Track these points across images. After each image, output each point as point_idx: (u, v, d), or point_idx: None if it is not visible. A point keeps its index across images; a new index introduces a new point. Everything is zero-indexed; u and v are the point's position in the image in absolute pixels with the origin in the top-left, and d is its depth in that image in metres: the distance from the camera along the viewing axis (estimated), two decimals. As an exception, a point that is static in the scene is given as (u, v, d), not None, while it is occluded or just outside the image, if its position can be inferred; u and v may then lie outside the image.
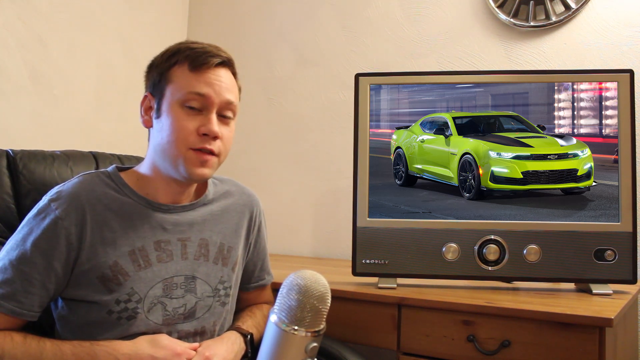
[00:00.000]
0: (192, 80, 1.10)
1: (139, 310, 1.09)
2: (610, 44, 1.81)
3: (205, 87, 1.10)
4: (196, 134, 1.09)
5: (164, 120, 1.11)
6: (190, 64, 1.11)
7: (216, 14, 2.47)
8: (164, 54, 1.15)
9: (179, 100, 1.10)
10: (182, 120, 1.09)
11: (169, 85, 1.12)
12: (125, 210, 1.12)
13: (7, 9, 1.78)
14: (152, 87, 1.15)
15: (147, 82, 1.18)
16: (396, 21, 2.12)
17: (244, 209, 1.29)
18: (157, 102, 1.14)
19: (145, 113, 1.17)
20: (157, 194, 1.16)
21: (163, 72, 1.13)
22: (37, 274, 1.05)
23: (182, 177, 1.12)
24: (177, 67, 1.12)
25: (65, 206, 1.07)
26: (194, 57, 1.11)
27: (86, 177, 1.14)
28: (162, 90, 1.13)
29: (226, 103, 1.13)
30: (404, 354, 1.40)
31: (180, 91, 1.10)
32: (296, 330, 0.83)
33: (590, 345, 1.21)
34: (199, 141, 1.10)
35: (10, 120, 1.79)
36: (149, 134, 1.19)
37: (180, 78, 1.11)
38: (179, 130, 1.09)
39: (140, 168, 1.19)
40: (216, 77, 1.12)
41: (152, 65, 1.17)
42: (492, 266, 1.47)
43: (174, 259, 1.14)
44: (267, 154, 2.35)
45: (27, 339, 1.04)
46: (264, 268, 1.37)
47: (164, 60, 1.14)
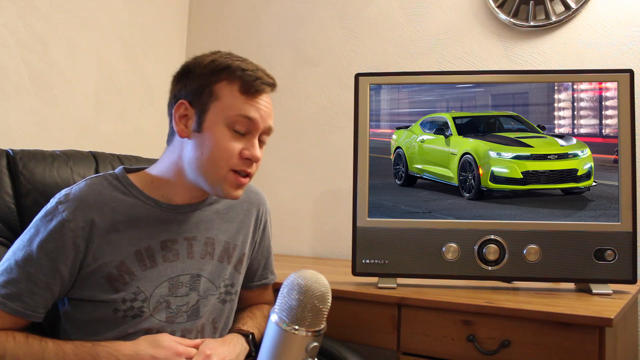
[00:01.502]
0: (243, 104, 1.09)
1: (145, 310, 1.09)
2: (610, 44, 1.81)
3: (255, 112, 1.10)
4: (239, 156, 1.10)
5: (206, 137, 1.09)
6: (242, 86, 1.09)
7: (216, 14, 2.48)
8: (208, 65, 1.12)
9: (226, 120, 1.09)
10: (227, 142, 1.09)
11: (215, 102, 1.09)
12: (132, 211, 1.12)
13: (7, 9, 1.78)
14: (191, 96, 1.11)
15: (181, 88, 1.13)
16: (396, 21, 2.12)
17: (250, 207, 1.29)
18: (199, 115, 1.10)
19: (179, 121, 1.13)
20: (174, 197, 1.16)
21: (208, 86, 1.10)
22: (42, 275, 1.05)
23: (217, 195, 1.13)
24: (225, 84, 1.10)
25: (73, 209, 1.07)
26: (247, 81, 1.09)
27: (94, 180, 1.14)
28: (205, 104, 1.10)
29: (268, 129, 1.14)
30: (403, 353, 1.40)
31: (229, 112, 1.09)
32: (297, 329, 0.83)
33: (590, 345, 1.21)
34: (241, 164, 1.10)
35: (10, 120, 1.79)
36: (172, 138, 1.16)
37: (228, 97, 1.09)
38: (224, 151, 1.09)
39: (154, 170, 1.18)
40: (265, 103, 1.12)
41: (191, 72, 1.13)
42: (492, 266, 1.47)
43: (180, 258, 1.15)
44: (267, 153, 2.32)
45: (29, 339, 1.04)
46: (268, 267, 1.37)
47: (208, 72, 1.11)
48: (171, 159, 1.16)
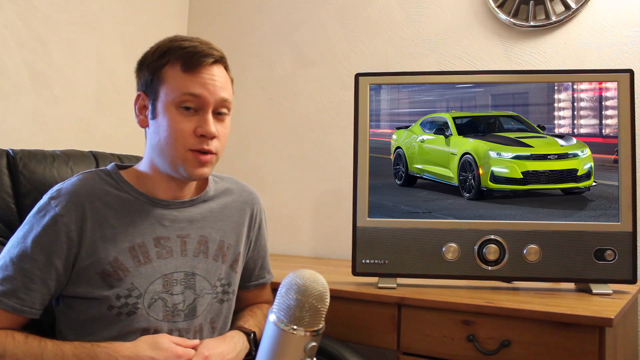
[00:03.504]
0: (186, 81, 1.09)
1: (139, 306, 1.09)
2: (610, 44, 1.81)
3: (199, 87, 1.10)
4: (194, 135, 1.10)
5: (160, 121, 1.11)
6: (182, 65, 1.10)
7: (216, 14, 2.48)
8: (154, 52, 1.13)
9: (174, 101, 1.10)
10: (178, 122, 1.09)
11: (162, 86, 1.11)
12: (125, 206, 1.13)
13: (7, 9, 1.78)
14: (145, 86, 1.14)
15: (138, 80, 1.17)
16: (396, 21, 2.12)
17: (244, 206, 1.29)
18: (152, 103, 1.13)
19: (139, 112, 1.16)
20: (157, 191, 1.17)
21: (155, 72, 1.12)
22: (37, 271, 1.05)
23: (182, 176, 1.13)
24: (169, 67, 1.11)
25: (65, 203, 1.08)
26: (186, 58, 1.10)
27: (86, 175, 1.15)
28: (155, 90, 1.12)
29: (221, 101, 1.13)
30: (403, 353, 1.40)
31: (175, 92, 1.09)
32: (295, 329, 0.83)
33: (590, 345, 1.21)
34: (197, 142, 1.10)
35: (10, 120, 1.80)
36: (146, 133, 1.18)
37: (173, 79, 1.10)
38: (176, 132, 1.09)
39: (139, 166, 1.20)
40: (210, 76, 1.11)
41: (143, 63, 1.15)
42: (492, 266, 1.47)
43: (173, 255, 1.15)
44: (267, 153, 2.35)
45: (29, 339, 1.04)
46: (264, 266, 1.37)
47: (154, 59, 1.12)
48: (146, 152, 1.18)
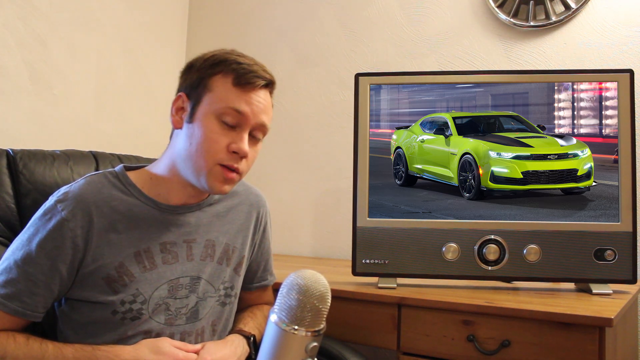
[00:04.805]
0: (234, 96, 1.09)
1: (144, 312, 1.09)
2: (610, 44, 1.81)
3: (245, 105, 1.09)
4: (226, 149, 1.08)
5: (196, 128, 1.09)
6: (235, 79, 1.09)
7: (216, 14, 2.48)
8: (208, 59, 1.12)
9: (216, 111, 1.08)
10: (214, 133, 1.08)
11: (208, 93, 1.10)
12: (132, 211, 1.11)
13: (7, 9, 1.78)
14: (189, 89, 1.13)
15: (182, 82, 1.15)
16: (396, 21, 2.12)
17: (250, 209, 1.29)
18: (192, 106, 1.11)
19: (176, 113, 1.14)
20: (169, 196, 1.15)
21: (204, 78, 1.11)
22: (41, 275, 1.04)
23: (201, 187, 1.12)
24: (220, 77, 1.10)
25: (72, 207, 1.06)
26: (240, 73, 1.09)
27: (93, 178, 1.13)
28: (199, 95, 1.11)
29: (260, 125, 1.12)
30: (404, 353, 1.40)
31: (219, 103, 1.09)
32: (296, 330, 0.83)
33: (590, 345, 1.21)
34: (228, 158, 1.09)
35: (10, 120, 1.79)
36: (172, 134, 1.17)
37: (221, 90, 1.09)
38: (210, 142, 1.08)
39: (153, 168, 1.18)
40: (257, 97, 1.11)
41: (192, 67, 1.14)
42: (492, 266, 1.47)
43: (179, 260, 1.14)
44: (267, 153, 2.34)
45: (30, 341, 1.04)
46: (267, 269, 1.37)
47: (207, 66, 1.11)
48: (167, 154, 1.16)
